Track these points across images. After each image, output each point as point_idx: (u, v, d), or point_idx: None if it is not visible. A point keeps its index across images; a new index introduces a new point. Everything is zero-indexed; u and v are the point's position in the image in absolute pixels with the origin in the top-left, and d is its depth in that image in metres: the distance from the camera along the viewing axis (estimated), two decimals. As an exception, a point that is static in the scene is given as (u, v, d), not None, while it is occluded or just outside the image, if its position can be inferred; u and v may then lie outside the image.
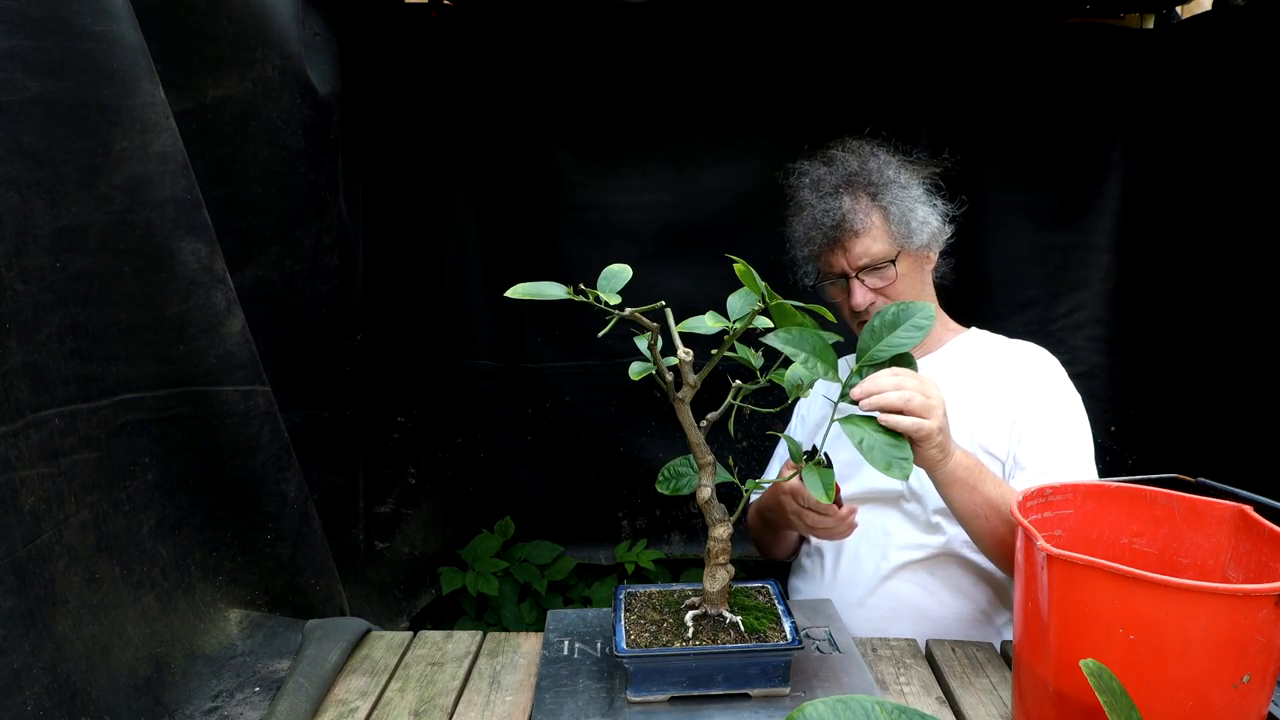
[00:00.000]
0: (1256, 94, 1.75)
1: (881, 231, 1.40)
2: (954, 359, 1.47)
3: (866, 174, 1.42)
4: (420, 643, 1.27)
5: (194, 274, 1.13)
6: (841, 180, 1.43)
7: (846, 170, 1.44)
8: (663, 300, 0.94)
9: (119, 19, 1.01)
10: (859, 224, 1.38)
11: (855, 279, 1.41)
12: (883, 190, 1.41)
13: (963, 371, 1.43)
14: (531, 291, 0.89)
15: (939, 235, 1.45)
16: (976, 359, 1.46)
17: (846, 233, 1.39)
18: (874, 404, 1.03)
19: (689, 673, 1.03)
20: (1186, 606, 0.78)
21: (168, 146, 1.08)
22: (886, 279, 1.40)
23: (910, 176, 1.45)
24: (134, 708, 1.00)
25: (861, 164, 1.44)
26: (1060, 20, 2.01)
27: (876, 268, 1.40)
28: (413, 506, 2.13)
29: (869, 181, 1.42)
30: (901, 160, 1.47)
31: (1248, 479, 1.10)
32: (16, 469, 0.88)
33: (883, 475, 1.38)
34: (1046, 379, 1.40)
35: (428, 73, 2.01)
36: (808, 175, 1.48)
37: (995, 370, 1.42)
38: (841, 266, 1.43)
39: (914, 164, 1.48)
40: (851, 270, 1.41)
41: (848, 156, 1.46)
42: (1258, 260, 1.77)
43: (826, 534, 1.31)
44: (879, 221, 1.40)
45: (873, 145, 1.48)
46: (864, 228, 1.39)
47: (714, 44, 2.04)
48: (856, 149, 1.47)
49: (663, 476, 1.11)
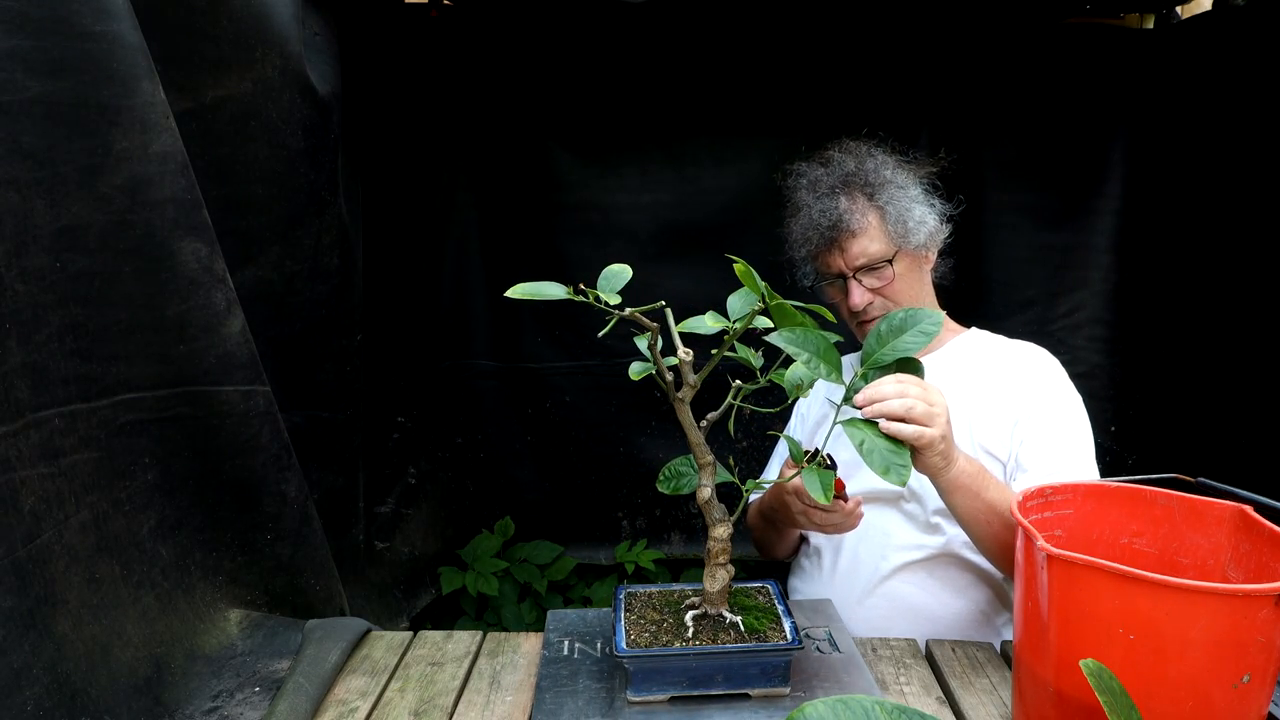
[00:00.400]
0: (1256, 94, 1.75)
1: (879, 231, 1.39)
2: (954, 359, 1.46)
3: (863, 174, 1.42)
4: (420, 643, 1.27)
5: (194, 274, 1.13)
6: (839, 181, 1.43)
7: (844, 171, 1.43)
8: (663, 300, 0.94)
9: (119, 19, 1.01)
10: (856, 224, 1.38)
11: (853, 279, 1.41)
12: (879, 190, 1.40)
13: (963, 372, 1.43)
14: (531, 291, 0.89)
15: (936, 235, 1.44)
16: (977, 359, 1.45)
17: (843, 233, 1.39)
18: (876, 411, 1.03)
19: (689, 673, 1.03)
20: (1186, 606, 0.78)
21: (168, 146, 1.08)
22: (884, 279, 1.40)
23: (907, 176, 1.44)
24: (134, 708, 1.00)
25: (859, 164, 1.44)
26: (1060, 20, 2.01)
27: (874, 268, 1.40)
28: (413, 506, 2.13)
29: (866, 181, 1.41)
30: (899, 160, 1.47)
31: (1248, 479, 1.10)
32: (16, 469, 0.88)
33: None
34: (1048, 380, 1.40)
35: (428, 73, 2.01)
36: (805, 176, 1.48)
37: (996, 371, 1.41)
38: (839, 267, 1.43)
39: (911, 164, 1.48)
40: (849, 270, 1.41)
41: (845, 157, 1.46)
42: (1258, 260, 1.77)
43: (835, 529, 1.31)
44: (876, 221, 1.40)
45: (870, 145, 1.48)
46: (861, 228, 1.39)
47: (714, 44, 2.04)
48: (853, 149, 1.47)
49: (663, 476, 1.11)
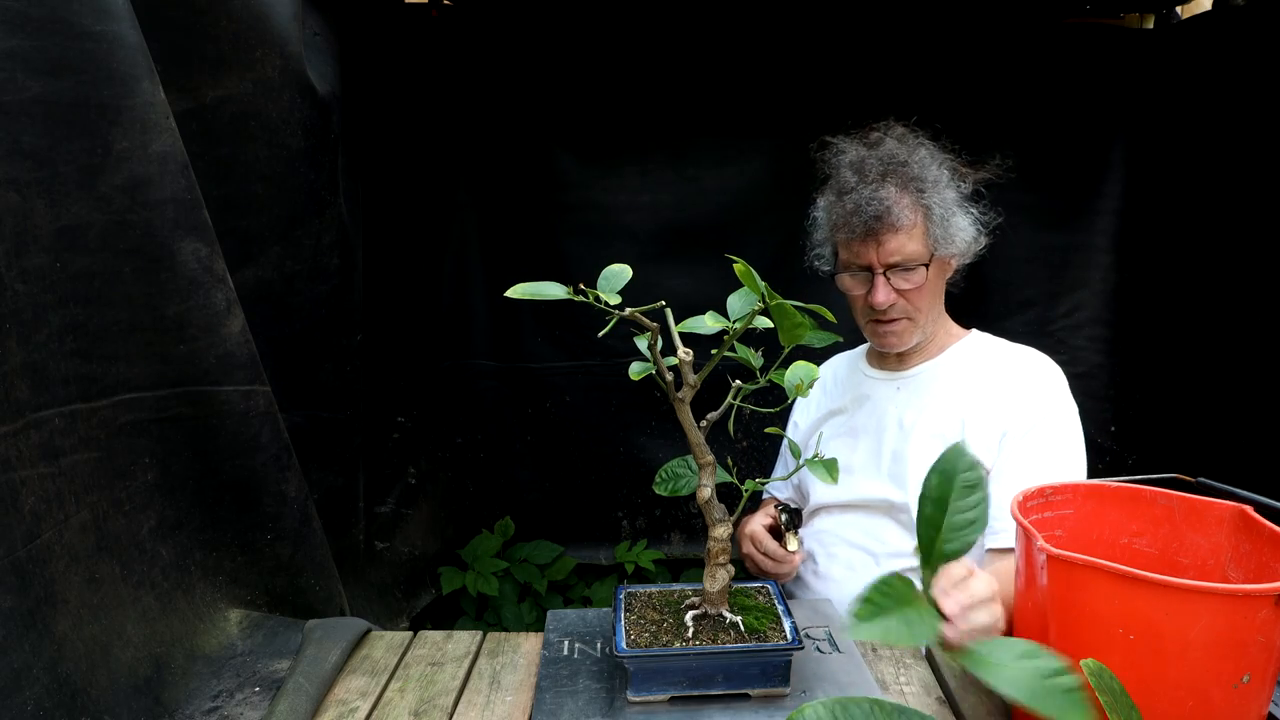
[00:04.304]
0: (1256, 94, 1.75)
1: (920, 231, 1.31)
2: (953, 366, 1.42)
3: (912, 167, 1.32)
4: (420, 643, 1.26)
5: (194, 274, 1.13)
6: (887, 168, 1.32)
7: (892, 159, 1.33)
8: (663, 300, 0.94)
9: (119, 19, 1.01)
10: (901, 220, 1.29)
11: (881, 275, 1.33)
12: (929, 189, 1.32)
13: (960, 379, 1.39)
14: (532, 291, 0.89)
15: (973, 245, 1.36)
16: (975, 365, 1.41)
17: (886, 227, 1.30)
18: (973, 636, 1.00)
19: (689, 673, 1.03)
20: (1186, 606, 0.78)
21: (168, 146, 1.08)
22: (913, 281, 1.33)
23: (954, 177, 1.36)
24: (134, 708, 1.00)
25: (909, 154, 1.34)
26: (1060, 20, 2.01)
27: (907, 268, 1.32)
28: (413, 506, 2.13)
29: (915, 176, 1.32)
30: (950, 160, 1.38)
31: (1248, 479, 1.10)
32: (16, 469, 0.88)
33: (876, 483, 1.39)
34: (1042, 392, 1.34)
35: (428, 73, 2.01)
36: (847, 154, 1.37)
37: (992, 378, 1.37)
38: (870, 260, 1.33)
39: (960, 165, 1.39)
40: (879, 266, 1.33)
41: (893, 144, 1.35)
42: (1258, 260, 1.77)
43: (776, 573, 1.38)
44: (920, 221, 1.31)
45: (920, 136, 1.38)
46: (905, 225, 1.30)
47: (714, 44, 2.04)
48: (903, 137, 1.37)
49: (660, 478, 1.11)
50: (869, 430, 1.43)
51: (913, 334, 1.39)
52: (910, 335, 1.39)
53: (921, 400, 1.39)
